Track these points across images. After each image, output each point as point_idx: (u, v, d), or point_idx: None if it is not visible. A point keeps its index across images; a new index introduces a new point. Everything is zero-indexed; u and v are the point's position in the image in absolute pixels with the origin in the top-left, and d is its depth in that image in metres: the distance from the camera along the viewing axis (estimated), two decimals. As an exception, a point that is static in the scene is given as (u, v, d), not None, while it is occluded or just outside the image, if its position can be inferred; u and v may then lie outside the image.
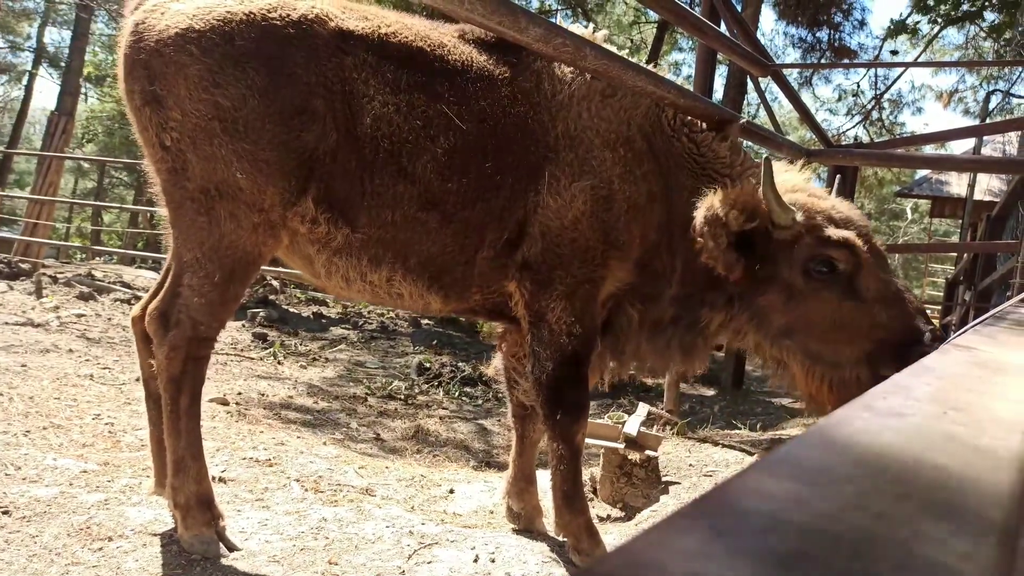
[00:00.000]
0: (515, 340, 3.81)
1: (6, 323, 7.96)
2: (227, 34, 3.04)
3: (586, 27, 3.64)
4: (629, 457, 4.74)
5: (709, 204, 3.07)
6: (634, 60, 3.22)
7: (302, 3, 3.20)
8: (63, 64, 24.20)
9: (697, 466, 5.33)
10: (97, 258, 19.59)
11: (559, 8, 19.26)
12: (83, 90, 23.66)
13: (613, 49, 3.52)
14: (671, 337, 3.51)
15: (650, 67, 3.26)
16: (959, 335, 2.01)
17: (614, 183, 3.30)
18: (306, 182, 3.16)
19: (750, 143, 5.73)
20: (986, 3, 12.78)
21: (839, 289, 3.07)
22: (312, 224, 3.24)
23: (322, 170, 3.17)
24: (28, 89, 28.82)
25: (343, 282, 3.42)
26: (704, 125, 3.57)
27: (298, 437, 5.63)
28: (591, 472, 4.93)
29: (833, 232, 3.06)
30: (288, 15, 3.12)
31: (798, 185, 3.29)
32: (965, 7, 12.46)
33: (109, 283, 11.62)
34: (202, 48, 3.02)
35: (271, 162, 3.08)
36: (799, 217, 3.05)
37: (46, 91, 55.19)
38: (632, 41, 21.72)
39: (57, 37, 32.43)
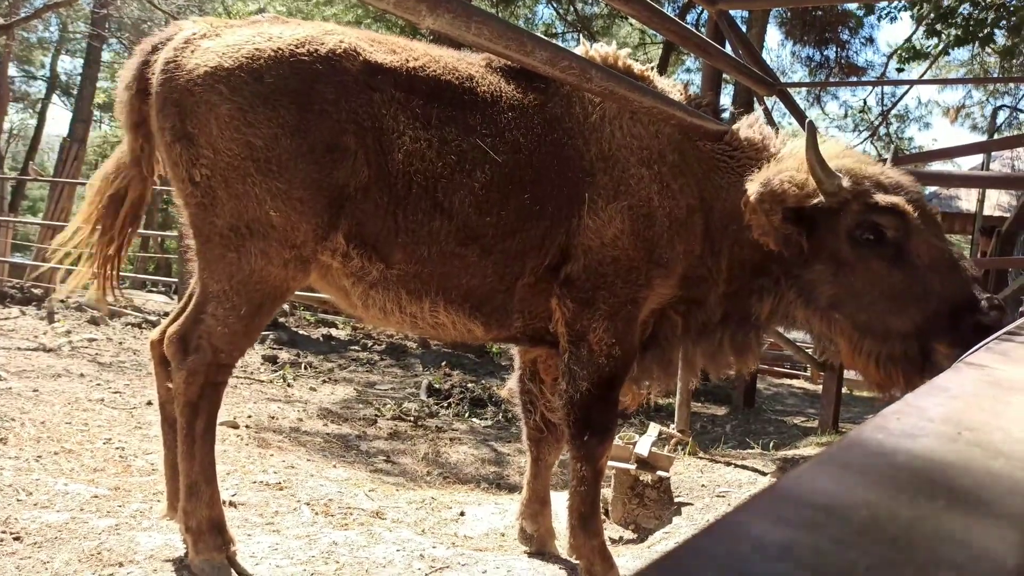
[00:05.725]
0: (550, 363, 3.76)
1: (19, 348, 8.02)
2: (256, 72, 3.01)
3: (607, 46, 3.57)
4: (641, 478, 4.70)
5: (764, 179, 3.02)
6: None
7: (330, 38, 3.16)
8: (75, 92, 24.54)
9: (710, 486, 5.28)
10: (109, 282, 19.69)
11: (565, 31, 19.40)
12: (95, 117, 23.96)
13: (638, 65, 3.52)
14: (722, 337, 3.44)
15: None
16: (972, 353, 1.99)
17: (653, 200, 3.26)
18: (336, 218, 3.13)
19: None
20: (997, 26, 12.74)
21: (888, 257, 3.00)
22: (344, 258, 3.22)
23: (353, 206, 3.13)
24: (41, 117, 29.22)
25: (381, 313, 3.38)
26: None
27: (308, 460, 5.62)
28: (602, 493, 4.89)
29: (881, 198, 3.00)
30: (316, 50, 3.08)
31: (843, 151, 3.24)
32: (973, 29, 12.42)
33: (120, 307, 11.68)
34: (231, 87, 2.99)
35: (304, 200, 3.05)
36: (845, 183, 2.98)
37: (59, 118, 55.70)
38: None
39: (70, 66, 32.77)
